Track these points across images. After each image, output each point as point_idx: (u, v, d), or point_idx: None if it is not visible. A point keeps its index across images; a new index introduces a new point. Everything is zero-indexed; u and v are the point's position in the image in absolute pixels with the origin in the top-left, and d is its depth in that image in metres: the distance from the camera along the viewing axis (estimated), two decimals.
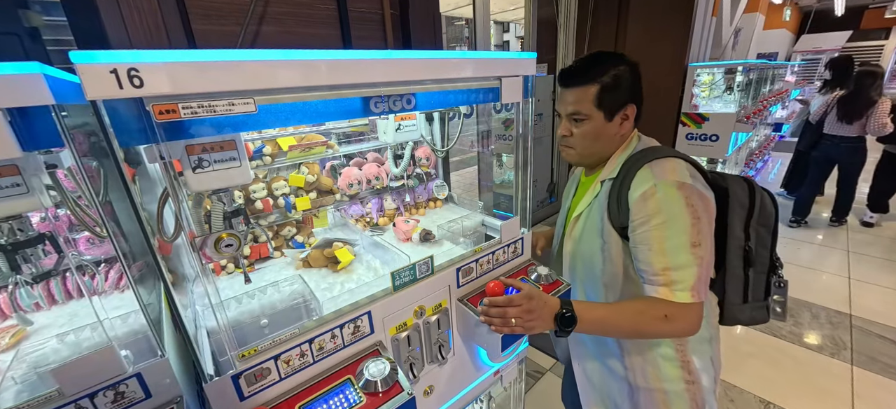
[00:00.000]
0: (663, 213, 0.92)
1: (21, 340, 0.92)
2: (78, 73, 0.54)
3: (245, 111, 0.68)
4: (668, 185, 0.93)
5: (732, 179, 1.10)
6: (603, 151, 1.10)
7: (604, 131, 1.06)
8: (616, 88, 1.02)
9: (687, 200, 0.92)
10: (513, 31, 12.33)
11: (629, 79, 1.02)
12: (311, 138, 1.35)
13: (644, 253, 0.96)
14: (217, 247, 0.78)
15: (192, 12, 1.26)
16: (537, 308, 0.99)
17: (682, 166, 0.98)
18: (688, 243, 0.91)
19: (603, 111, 1.04)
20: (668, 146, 1.06)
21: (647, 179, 0.96)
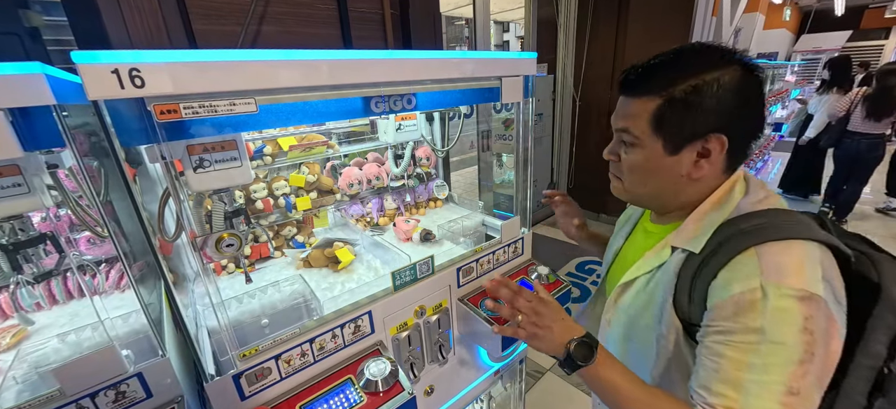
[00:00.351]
0: (761, 331, 0.59)
1: (22, 339, 0.92)
2: (80, 73, 0.54)
3: (246, 111, 0.69)
4: (784, 294, 0.58)
5: (890, 268, 0.67)
6: (664, 196, 0.76)
7: (662, 170, 0.71)
8: (691, 106, 0.64)
9: (806, 323, 0.57)
10: (513, 30, 12.33)
11: (724, 93, 0.64)
12: (312, 138, 1.35)
13: (708, 373, 0.63)
14: (218, 247, 0.78)
15: (193, 12, 1.26)
16: (549, 318, 0.78)
17: (813, 261, 0.60)
18: (782, 386, 0.57)
19: (662, 139, 0.68)
20: (792, 211, 0.67)
21: (751, 273, 0.61)
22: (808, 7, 9.92)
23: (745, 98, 0.65)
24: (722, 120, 0.65)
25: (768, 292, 0.59)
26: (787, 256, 0.61)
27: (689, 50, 0.68)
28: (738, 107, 0.65)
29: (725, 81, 0.64)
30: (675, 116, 0.66)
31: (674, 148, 0.68)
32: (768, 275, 0.59)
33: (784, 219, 0.66)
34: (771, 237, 0.62)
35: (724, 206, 0.71)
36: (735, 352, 0.60)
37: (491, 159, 2.50)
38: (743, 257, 0.62)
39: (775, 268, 0.60)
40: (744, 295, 0.60)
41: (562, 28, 4.03)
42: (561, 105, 4.39)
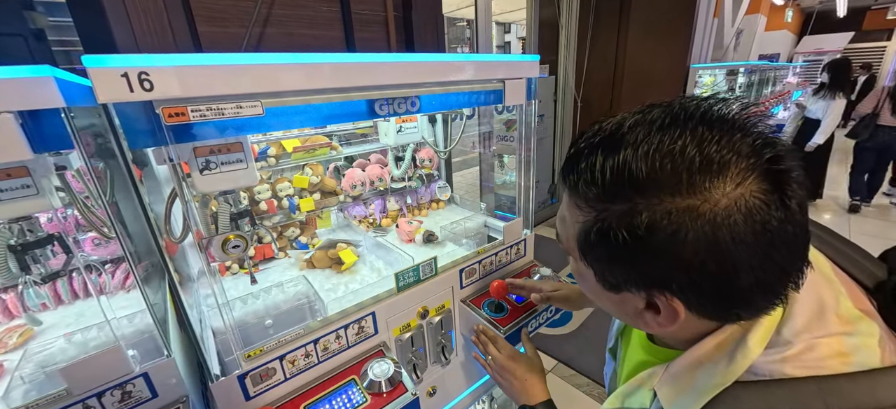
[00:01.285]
0: None
1: (29, 339, 0.93)
2: (89, 76, 0.55)
3: (252, 114, 0.69)
4: None
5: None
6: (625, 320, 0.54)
7: (608, 303, 0.49)
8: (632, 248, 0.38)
9: None
10: (514, 32, 12.34)
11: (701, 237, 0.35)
12: (315, 140, 1.36)
13: None
14: (224, 248, 0.79)
15: (198, 15, 1.27)
16: (511, 376, 0.90)
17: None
18: None
19: (592, 270, 0.45)
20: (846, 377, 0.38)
21: None
22: (810, 8, 9.92)
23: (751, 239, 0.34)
24: (679, 278, 0.38)
25: None
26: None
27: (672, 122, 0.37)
28: (723, 259, 0.35)
29: (708, 214, 0.34)
30: (605, 250, 0.40)
31: (609, 287, 0.45)
32: None
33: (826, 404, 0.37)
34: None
35: (730, 360, 0.43)
36: None
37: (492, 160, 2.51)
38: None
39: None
40: None
41: (563, 29, 4.03)
42: (562, 106, 4.39)
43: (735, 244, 0.34)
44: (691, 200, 0.34)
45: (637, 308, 0.44)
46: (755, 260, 0.35)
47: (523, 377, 0.88)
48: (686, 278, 0.37)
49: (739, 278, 0.35)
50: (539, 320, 1.23)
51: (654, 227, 0.35)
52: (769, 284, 0.37)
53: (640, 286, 0.41)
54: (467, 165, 5.71)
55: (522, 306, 1.22)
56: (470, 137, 1.72)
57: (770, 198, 0.34)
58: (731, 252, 0.34)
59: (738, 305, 0.39)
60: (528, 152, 1.34)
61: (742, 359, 0.41)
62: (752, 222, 0.33)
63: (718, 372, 0.43)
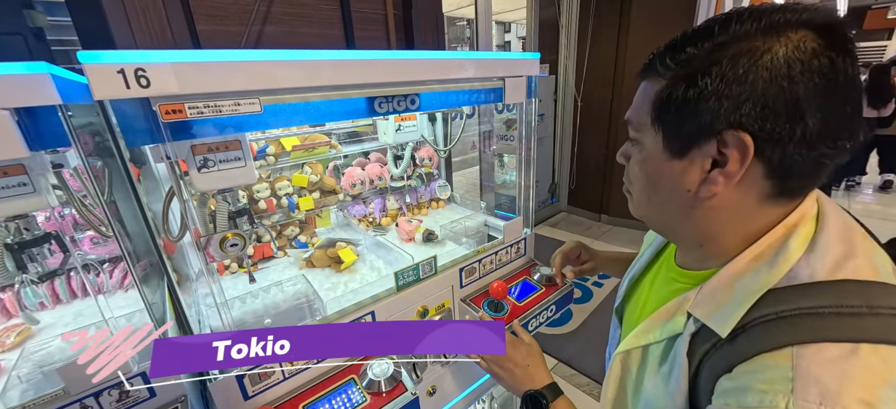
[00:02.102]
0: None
1: (26, 338, 0.92)
2: (85, 73, 0.54)
3: (250, 111, 0.69)
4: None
5: None
6: (675, 224, 0.54)
7: (664, 179, 0.50)
8: (704, 88, 0.42)
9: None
10: (514, 31, 12.33)
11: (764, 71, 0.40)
12: (315, 138, 1.36)
13: None
14: (222, 246, 0.78)
15: (197, 13, 1.27)
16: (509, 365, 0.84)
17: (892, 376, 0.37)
18: None
19: (660, 131, 0.48)
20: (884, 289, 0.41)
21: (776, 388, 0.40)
22: None
23: (805, 86, 0.39)
24: (749, 111, 0.40)
25: None
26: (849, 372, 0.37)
27: (737, 13, 0.43)
28: (786, 95, 0.39)
29: (772, 54, 0.39)
30: (678, 99, 0.44)
31: (677, 148, 0.47)
32: (803, 395, 0.37)
33: (867, 303, 0.40)
34: (826, 336, 0.39)
35: (770, 266, 0.45)
36: None
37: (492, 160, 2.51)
38: (772, 359, 0.41)
39: (819, 387, 0.37)
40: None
41: (563, 28, 4.03)
42: (562, 105, 4.39)
43: (801, 78, 0.39)
44: (763, 42, 0.40)
45: (703, 170, 0.46)
46: (817, 100, 0.39)
47: (524, 364, 0.82)
48: (759, 110, 0.40)
49: (805, 118, 0.40)
50: (539, 320, 1.22)
51: (737, 57, 0.41)
52: (832, 131, 0.41)
53: (711, 132, 0.43)
54: (467, 165, 5.71)
55: (522, 305, 1.21)
56: (470, 136, 1.72)
57: (824, 47, 0.39)
58: (796, 86, 0.39)
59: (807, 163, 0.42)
60: (529, 151, 1.34)
61: (783, 263, 0.44)
62: (811, 64, 0.39)
63: (759, 279, 0.45)
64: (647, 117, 0.49)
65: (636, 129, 0.52)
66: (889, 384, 0.36)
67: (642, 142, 0.52)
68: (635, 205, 0.58)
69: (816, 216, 0.47)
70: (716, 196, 0.46)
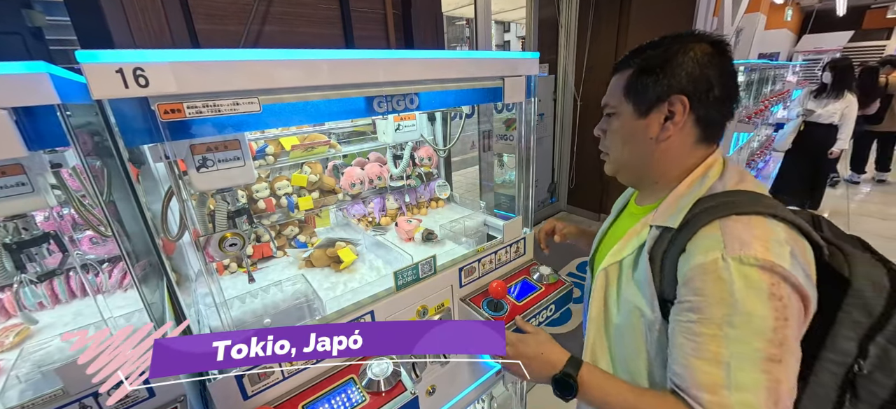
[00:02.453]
0: (729, 304, 0.59)
1: (25, 338, 0.92)
2: (84, 72, 0.54)
3: (249, 111, 0.69)
4: (744, 263, 0.58)
5: (865, 267, 0.66)
6: (641, 163, 0.78)
7: (635, 133, 0.75)
8: (655, 72, 0.69)
9: (773, 290, 0.58)
10: (514, 30, 12.33)
11: (688, 61, 0.68)
12: (314, 138, 1.35)
13: (685, 354, 0.63)
14: (221, 246, 0.78)
15: (196, 12, 1.26)
16: (530, 355, 0.84)
17: (775, 236, 0.61)
18: (762, 356, 0.58)
19: (632, 103, 0.73)
20: (763, 195, 0.68)
21: (713, 245, 0.61)
22: (810, 7, 9.90)
23: (710, 70, 0.69)
24: (684, 84, 0.69)
25: (729, 263, 0.59)
26: (750, 229, 0.61)
27: (670, 35, 0.74)
28: (702, 75, 0.68)
29: (690, 52, 0.69)
30: (642, 81, 0.72)
31: (643, 110, 0.73)
32: (730, 247, 0.60)
33: (751, 198, 0.67)
34: (734, 212, 0.64)
35: (699, 187, 0.72)
36: (708, 328, 0.61)
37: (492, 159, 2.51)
38: (706, 230, 0.64)
39: (737, 240, 0.60)
40: (706, 267, 0.61)
41: (563, 28, 4.03)
42: (562, 105, 4.39)
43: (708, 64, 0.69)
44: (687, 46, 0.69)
45: (660, 122, 0.72)
46: (717, 79, 0.69)
47: (537, 353, 0.84)
48: (693, 84, 0.69)
49: (714, 88, 0.69)
50: (539, 319, 1.22)
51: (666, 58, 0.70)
52: (719, 109, 0.71)
53: (664, 97, 0.70)
54: (467, 165, 5.70)
55: (522, 304, 1.21)
56: (469, 136, 1.72)
57: (715, 51, 0.70)
58: (707, 69, 0.68)
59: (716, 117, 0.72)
60: (528, 151, 1.34)
61: (707, 183, 0.72)
62: (711, 58, 0.69)
63: (694, 194, 0.71)
64: (620, 95, 0.76)
65: (613, 106, 0.78)
66: (772, 233, 0.61)
67: (619, 112, 0.77)
68: (612, 161, 0.82)
69: (722, 164, 0.74)
70: (669, 139, 0.73)
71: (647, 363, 0.75)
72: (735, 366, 0.59)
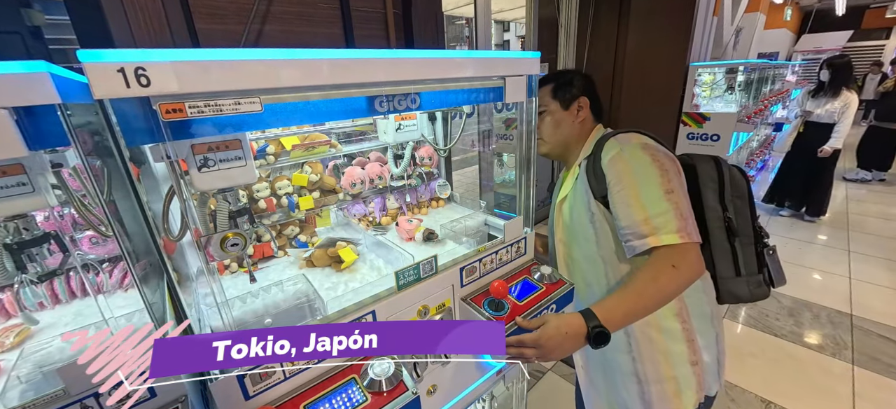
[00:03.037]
0: (632, 171, 1.01)
1: (26, 339, 0.92)
2: (85, 71, 0.54)
3: (251, 110, 0.68)
4: (632, 147, 1.05)
5: (698, 157, 1.19)
6: (567, 138, 1.25)
7: (563, 119, 1.24)
8: (567, 84, 1.24)
9: (653, 157, 1.01)
10: (513, 30, 12.32)
11: (580, 79, 1.25)
12: (315, 138, 1.35)
13: (624, 211, 1.01)
14: (223, 246, 0.78)
15: (196, 11, 1.26)
16: (554, 346, 0.95)
17: (644, 136, 1.11)
18: (661, 192, 0.97)
19: (558, 101, 1.24)
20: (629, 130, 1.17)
21: (613, 146, 1.09)
22: (809, 7, 9.92)
23: (589, 82, 1.27)
24: (582, 90, 1.24)
25: (623, 149, 1.07)
26: (631, 135, 1.12)
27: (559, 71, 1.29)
28: (587, 86, 1.26)
29: (579, 76, 1.27)
30: (562, 89, 1.25)
31: (566, 105, 1.24)
32: (621, 143, 1.09)
33: (628, 130, 1.15)
34: (619, 132, 1.15)
35: (597, 135, 1.23)
36: (627, 189, 1.01)
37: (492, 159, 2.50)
38: (609, 143, 1.12)
39: (625, 139, 1.10)
40: (614, 156, 1.07)
41: (563, 28, 4.02)
42: None
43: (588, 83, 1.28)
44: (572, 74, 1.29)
45: (575, 110, 1.24)
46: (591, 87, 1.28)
47: (560, 334, 0.95)
48: (591, 91, 1.27)
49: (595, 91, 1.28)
50: None
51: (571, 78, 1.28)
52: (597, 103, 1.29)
53: (575, 97, 1.24)
54: (467, 164, 5.69)
55: (523, 304, 1.21)
56: (470, 135, 1.71)
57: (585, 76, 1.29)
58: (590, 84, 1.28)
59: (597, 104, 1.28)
60: (529, 150, 1.34)
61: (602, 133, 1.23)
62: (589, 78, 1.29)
63: (598, 137, 1.21)
64: (549, 98, 1.26)
65: (543, 105, 1.26)
66: (644, 137, 1.12)
67: (549, 110, 1.26)
68: (548, 144, 1.29)
69: (602, 128, 1.26)
70: (583, 120, 1.25)
71: (595, 240, 1.17)
72: (649, 202, 0.98)
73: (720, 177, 1.14)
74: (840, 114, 4.08)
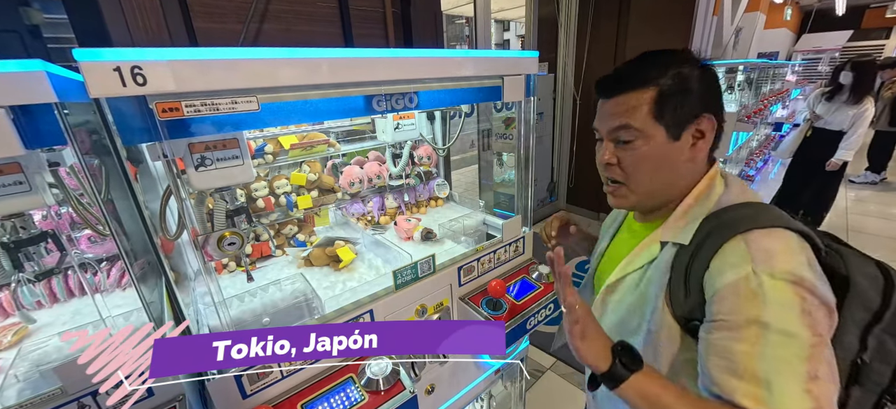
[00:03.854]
0: (766, 323, 0.58)
1: (24, 338, 0.92)
2: (81, 70, 0.54)
3: (248, 109, 0.68)
4: (776, 278, 0.59)
5: (858, 263, 0.69)
6: (671, 188, 0.74)
7: (668, 157, 0.70)
8: (683, 91, 0.67)
9: (804, 306, 0.58)
10: (513, 29, 12.32)
11: (701, 81, 0.68)
12: (313, 137, 1.35)
13: (723, 372, 0.61)
14: (220, 245, 0.78)
15: (194, 10, 1.26)
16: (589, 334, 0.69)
17: (794, 246, 0.62)
18: (803, 376, 0.56)
19: (664, 126, 0.68)
20: (769, 205, 0.70)
21: (741, 260, 0.61)
22: (809, 7, 9.90)
23: (716, 87, 0.71)
24: (708, 102, 0.69)
25: (761, 277, 0.59)
26: (773, 242, 0.62)
27: (656, 52, 0.72)
28: (715, 93, 0.71)
29: (698, 71, 0.69)
30: (672, 101, 0.68)
31: (676, 132, 0.69)
32: (758, 261, 0.60)
33: (763, 210, 0.69)
34: (755, 226, 0.64)
35: (706, 200, 0.72)
36: (744, 345, 0.59)
37: (491, 158, 2.50)
38: (731, 245, 0.63)
39: (764, 253, 0.61)
40: (738, 283, 0.61)
41: (562, 27, 4.02)
42: (561, 104, 4.39)
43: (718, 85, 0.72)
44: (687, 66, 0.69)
45: (690, 143, 0.70)
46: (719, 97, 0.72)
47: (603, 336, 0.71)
48: (715, 103, 0.70)
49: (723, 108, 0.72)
50: (538, 318, 1.23)
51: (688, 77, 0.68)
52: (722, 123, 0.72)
53: (695, 115, 0.68)
54: (467, 164, 5.70)
55: (521, 303, 1.21)
56: (469, 135, 1.71)
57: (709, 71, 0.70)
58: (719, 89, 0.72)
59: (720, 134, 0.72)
60: (527, 150, 1.34)
61: (714, 196, 0.72)
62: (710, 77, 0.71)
63: (704, 206, 0.72)
64: (647, 117, 0.69)
65: (636, 129, 0.70)
66: (790, 244, 0.62)
67: (645, 136, 0.70)
68: (634, 191, 0.74)
69: (721, 173, 0.75)
70: (698, 154, 0.71)
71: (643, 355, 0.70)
72: (777, 385, 0.57)
73: (884, 305, 0.67)
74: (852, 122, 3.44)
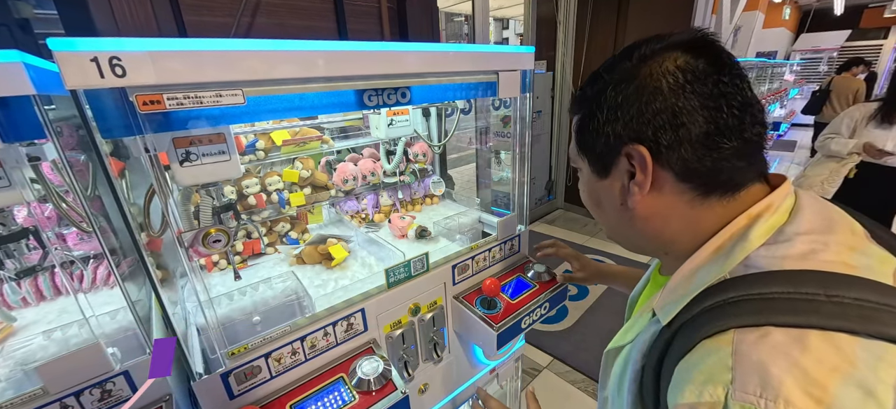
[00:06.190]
0: None
1: (8, 336, 0.90)
2: (56, 60, 0.52)
3: (233, 103, 0.67)
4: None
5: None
6: (629, 235, 0.56)
7: (601, 198, 0.55)
8: (599, 110, 0.49)
9: None
10: (512, 27, 12.29)
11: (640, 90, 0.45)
12: (306, 133, 1.33)
13: None
14: (205, 242, 0.76)
15: (184, 4, 1.24)
16: None
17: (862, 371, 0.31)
18: None
19: (586, 157, 0.54)
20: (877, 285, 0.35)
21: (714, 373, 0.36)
22: (808, 6, 9.90)
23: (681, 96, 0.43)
24: (636, 126, 0.45)
25: None
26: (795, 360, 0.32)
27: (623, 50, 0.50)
28: (665, 107, 0.43)
29: (645, 78, 0.45)
30: (588, 126, 0.50)
31: (599, 169, 0.52)
32: (743, 384, 0.34)
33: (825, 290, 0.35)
34: (771, 319, 0.35)
35: (727, 256, 0.43)
36: None
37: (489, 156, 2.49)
38: (712, 344, 0.38)
39: (760, 375, 0.33)
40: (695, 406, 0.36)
41: (561, 25, 4.01)
42: (560, 102, 4.37)
43: (675, 90, 0.43)
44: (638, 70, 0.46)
45: (623, 184, 0.49)
46: (693, 106, 0.42)
47: None
48: (645, 124, 0.44)
49: (686, 125, 0.43)
50: (533, 317, 1.21)
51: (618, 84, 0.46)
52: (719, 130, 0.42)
53: (618, 149, 0.47)
54: (465, 161, 5.69)
55: (516, 302, 1.20)
56: (467, 132, 1.70)
57: (693, 59, 0.43)
58: (671, 98, 0.43)
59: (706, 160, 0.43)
60: (523, 147, 1.32)
61: (740, 252, 0.42)
62: (682, 76, 0.43)
63: (714, 270, 0.44)
64: (576, 150, 0.56)
65: (573, 160, 0.59)
66: (846, 376, 0.30)
67: (581, 169, 0.57)
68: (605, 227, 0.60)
69: (791, 209, 0.44)
70: (639, 205, 0.49)
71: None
72: None
73: None
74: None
